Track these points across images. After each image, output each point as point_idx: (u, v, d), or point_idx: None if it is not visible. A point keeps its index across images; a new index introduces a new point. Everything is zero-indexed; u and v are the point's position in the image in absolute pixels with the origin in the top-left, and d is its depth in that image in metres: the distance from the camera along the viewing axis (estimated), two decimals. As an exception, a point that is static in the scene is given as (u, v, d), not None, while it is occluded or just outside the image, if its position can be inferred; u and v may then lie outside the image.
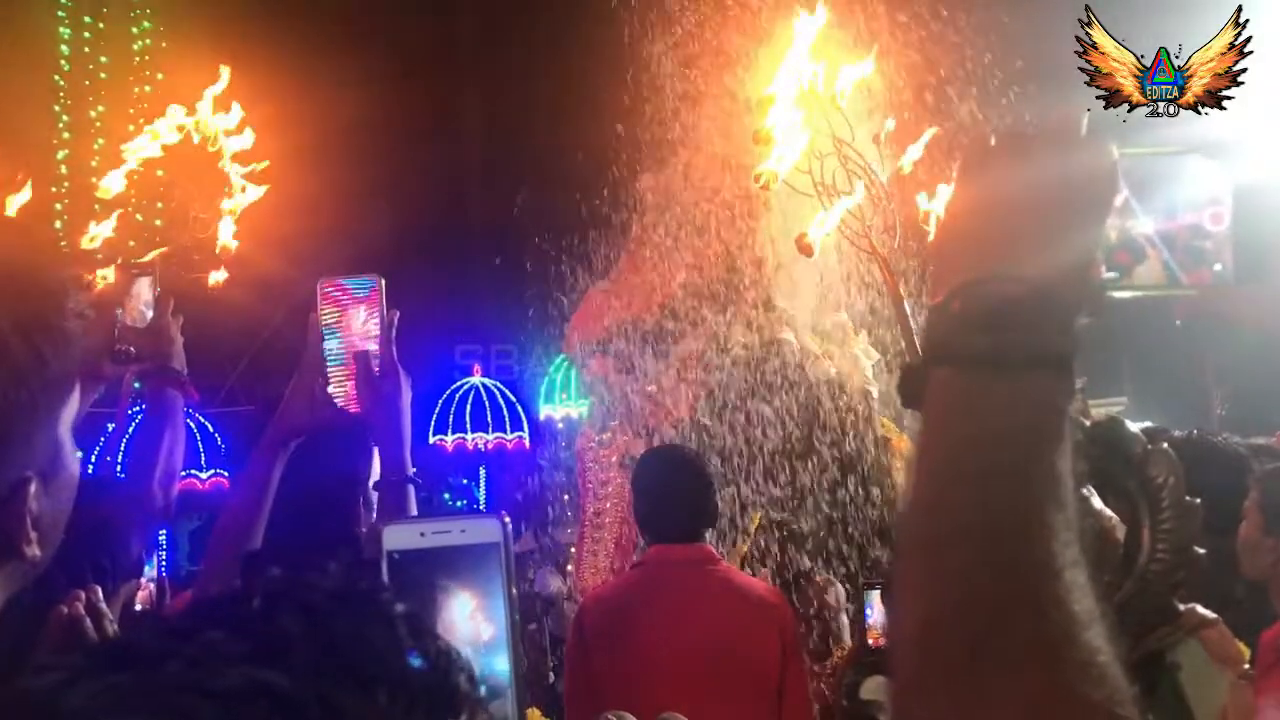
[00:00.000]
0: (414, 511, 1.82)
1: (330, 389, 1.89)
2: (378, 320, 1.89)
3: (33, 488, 1.19)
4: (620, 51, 8.12)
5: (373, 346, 1.89)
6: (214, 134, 3.82)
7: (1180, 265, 1.11)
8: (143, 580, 5.73)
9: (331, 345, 1.90)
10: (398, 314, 1.92)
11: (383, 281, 1.92)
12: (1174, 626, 1.34)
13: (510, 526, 1.02)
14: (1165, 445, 1.37)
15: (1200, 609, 1.38)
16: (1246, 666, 1.42)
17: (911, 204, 6.86)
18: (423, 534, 1.00)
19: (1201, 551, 1.36)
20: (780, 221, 7.67)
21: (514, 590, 1.00)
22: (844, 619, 5.58)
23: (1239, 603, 2.53)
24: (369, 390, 1.88)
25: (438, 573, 0.99)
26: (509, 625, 0.99)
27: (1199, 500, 1.36)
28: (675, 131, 7.92)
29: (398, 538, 1.00)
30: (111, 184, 3.66)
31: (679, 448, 4.18)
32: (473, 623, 0.99)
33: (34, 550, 1.20)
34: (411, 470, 1.88)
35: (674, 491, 3.42)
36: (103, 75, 14.95)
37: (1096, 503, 1.36)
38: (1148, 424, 4.11)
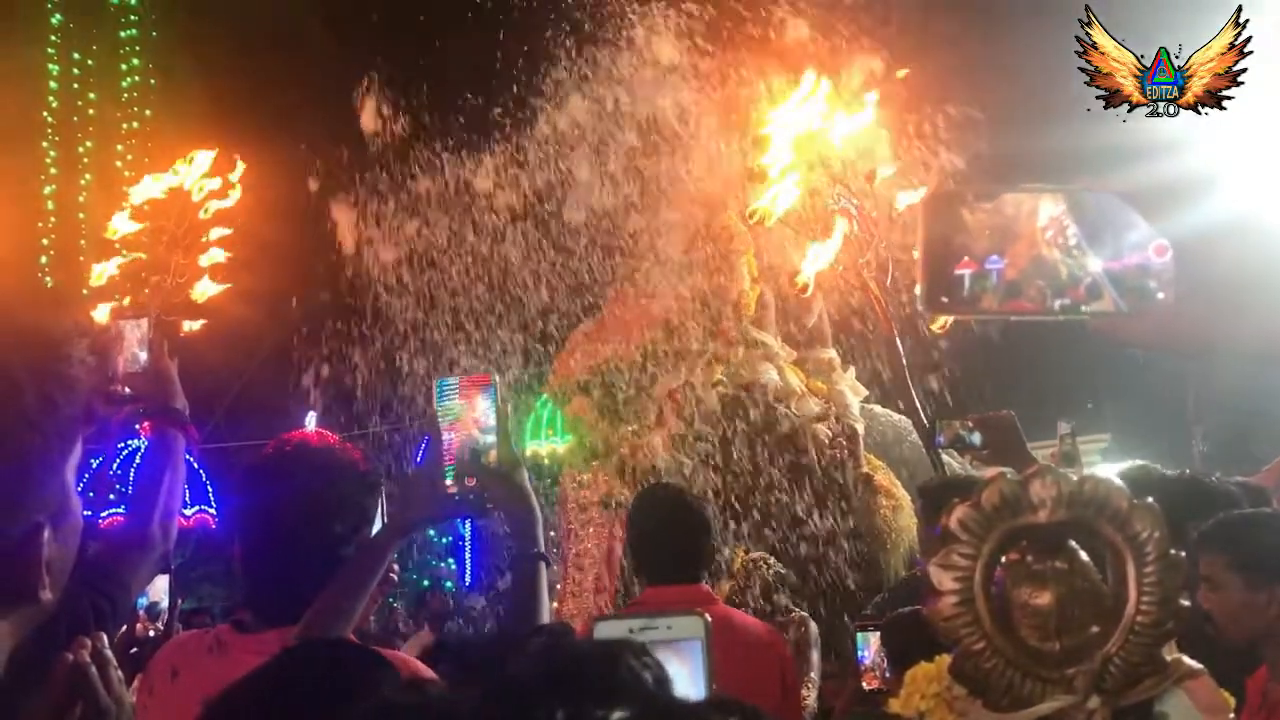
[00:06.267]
0: (545, 584, 1.94)
1: (450, 483, 1.93)
2: (494, 413, 1.94)
3: (46, 533, 1.22)
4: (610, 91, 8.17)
5: (491, 439, 1.94)
6: (201, 187, 3.88)
7: (1126, 299, 1.21)
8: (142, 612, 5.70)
9: (450, 439, 1.94)
10: (510, 405, 1.98)
11: (497, 376, 1.98)
12: (1161, 677, 1.37)
13: (712, 624, 1.12)
14: (1150, 500, 1.41)
15: (1186, 660, 1.42)
16: (1231, 716, 1.45)
17: (905, 241, 6.91)
18: (631, 629, 1.10)
19: (1187, 604, 1.39)
20: (768, 258, 7.72)
21: (714, 684, 1.09)
22: (814, 655, 5.56)
23: (1225, 651, 2.51)
24: (496, 482, 1.94)
25: None
26: None
27: (1184, 553, 1.40)
28: (663, 171, 7.97)
29: (608, 631, 1.12)
30: (120, 225, 3.72)
31: (675, 487, 4.11)
32: None
33: (47, 594, 1.23)
34: (540, 548, 1.97)
35: (669, 532, 3.37)
36: (91, 112, 14.97)
37: (1083, 557, 1.40)
38: (1140, 462, 4.09)
